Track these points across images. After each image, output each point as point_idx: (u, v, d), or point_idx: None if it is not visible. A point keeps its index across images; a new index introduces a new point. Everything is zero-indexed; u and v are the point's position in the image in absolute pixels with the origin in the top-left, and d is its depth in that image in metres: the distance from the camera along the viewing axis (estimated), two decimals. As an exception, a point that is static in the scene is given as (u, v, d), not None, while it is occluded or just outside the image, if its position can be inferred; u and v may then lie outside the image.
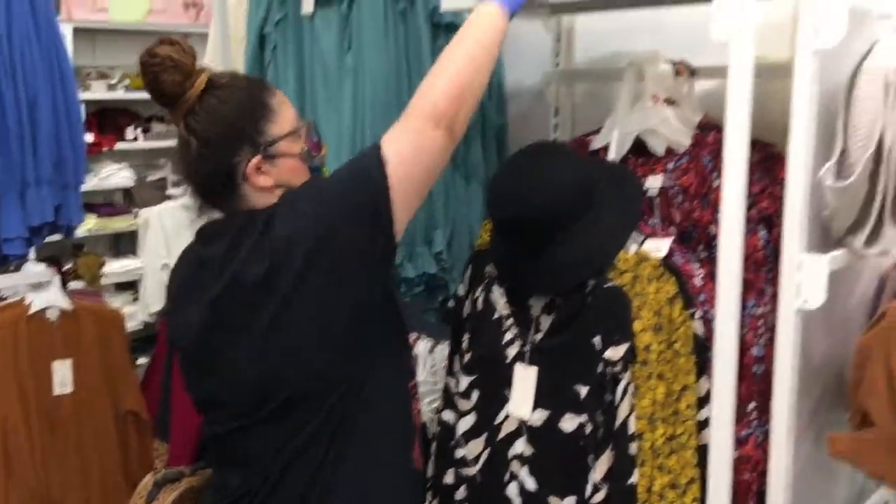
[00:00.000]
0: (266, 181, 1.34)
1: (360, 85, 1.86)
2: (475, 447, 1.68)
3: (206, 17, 4.92)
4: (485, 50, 1.39)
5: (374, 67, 1.84)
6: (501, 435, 1.63)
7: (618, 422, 1.45)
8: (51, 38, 2.43)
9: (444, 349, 1.98)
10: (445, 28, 1.99)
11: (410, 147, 1.31)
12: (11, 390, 2.36)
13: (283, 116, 1.36)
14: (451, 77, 1.36)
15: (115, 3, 4.60)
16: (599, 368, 1.48)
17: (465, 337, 1.72)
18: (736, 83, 1.34)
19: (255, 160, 1.33)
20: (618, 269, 1.51)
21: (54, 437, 2.46)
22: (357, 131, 1.88)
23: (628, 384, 1.45)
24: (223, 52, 2.18)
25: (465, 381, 1.70)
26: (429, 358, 1.99)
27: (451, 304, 1.92)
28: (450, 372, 1.76)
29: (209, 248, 1.37)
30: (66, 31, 4.04)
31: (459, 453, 1.70)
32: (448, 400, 1.76)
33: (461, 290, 1.77)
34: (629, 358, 1.44)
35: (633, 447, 1.45)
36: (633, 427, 1.45)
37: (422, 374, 1.99)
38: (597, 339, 1.49)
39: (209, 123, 1.33)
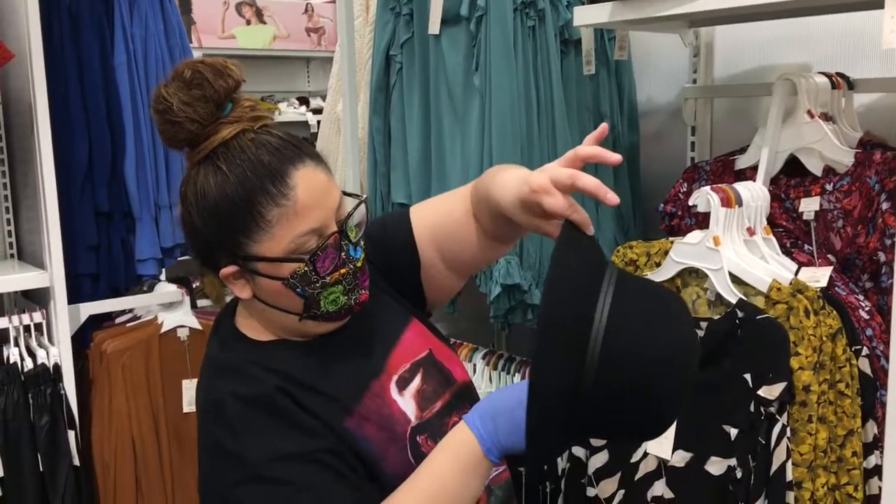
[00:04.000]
0: (243, 292, 1.06)
1: (488, 105, 1.80)
2: (608, 486, 1.58)
3: (328, 41, 5.03)
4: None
5: (503, 87, 1.78)
6: (638, 475, 1.53)
7: (773, 468, 1.32)
8: (184, 65, 2.50)
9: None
10: (575, 44, 1.92)
11: None
12: (144, 407, 2.41)
13: (278, 235, 1.00)
14: None
15: (241, 30, 4.76)
16: (752, 408, 1.35)
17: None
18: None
19: (229, 269, 1.04)
20: (770, 299, 1.38)
21: (182, 455, 2.51)
22: (484, 153, 1.82)
23: (785, 427, 1.32)
24: (349, 75, 2.17)
25: (598, 416, 1.61)
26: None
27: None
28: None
29: None
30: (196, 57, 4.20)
31: (591, 492, 1.61)
32: (579, 434, 1.67)
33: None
34: (786, 398, 1.31)
35: (790, 497, 1.31)
36: (790, 474, 1.31)
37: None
38: (748, 376, 1.36)
39: (195, 205, 1.03)
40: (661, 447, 1.49)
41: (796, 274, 1.45)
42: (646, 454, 1.51)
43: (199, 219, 1.02)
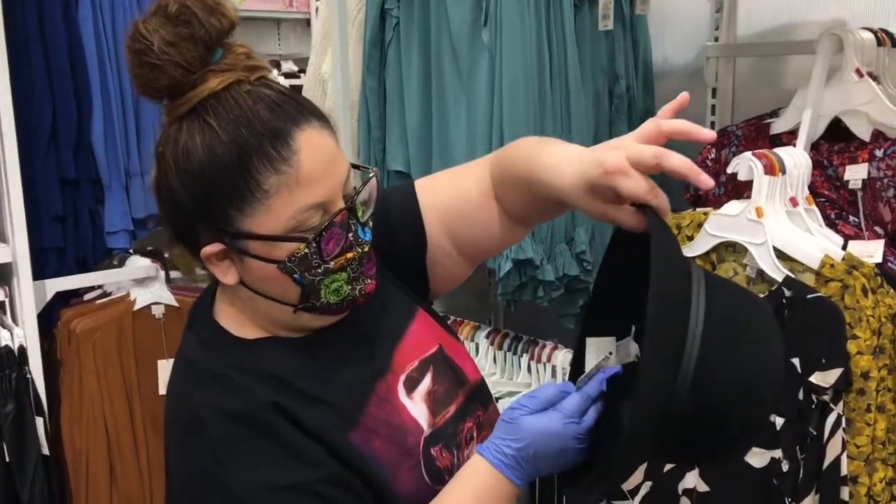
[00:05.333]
0: (227, 276, 0.88)
1: (498, 64, 1.65)
2: (633, 478, 1.46)
3: (300, 2, 4.80)
4: None
5: (514, 43, 1.63)
6: (668, 466, 1.41)
7: (826, 461, 1.21)
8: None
9: (586, 360, 1.76)
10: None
11: None
12: (117, 390, 2.26)
13: (275, 208, 0.83)
14: None
15: (211, -10, 4.52)
16: (801, 396, 1.24)
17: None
18: None
19: (213, 248, 0.87)
20: (822, 276, 1.26)
21: (159, 439, 2.34)
22: (494, 118, 1.67)
23: (840, 417, 1.20)
24: (339, 31, 1.99)
25: (621, 402, 1.49)
26: (569, 370, 1.77)
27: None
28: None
29: None
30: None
31: (613, 483, 1.50)
32: (598, 421, 1.55)
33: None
34: (842, 386, 1.20)
35: (844, 493, 1.21)
36: (845, 469, 1.21)
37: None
38: (796, 361, 1.25)
39: (174, 168, 0.85)
40: (695, 436, 1.37)
41: (844, 248, 1.33)
42: (676, 443, 1.40)
43: (179, 185, 0.85)
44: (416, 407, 0.95)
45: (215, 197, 0.84)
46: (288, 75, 4.85)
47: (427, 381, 0.97)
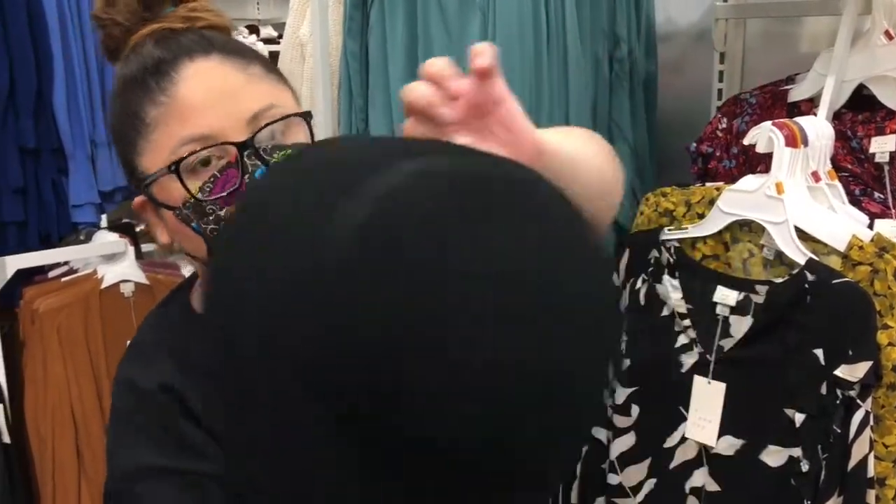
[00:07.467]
0: (161, 234, 0.82)
1: (491, 24, 1.52)
2: (635, 474, 1.36)
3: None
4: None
5: (509, 3, 1.49)
6: (675, 463, 1.31)
7: (852, 462, 1.10)
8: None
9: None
10: (589, -46, 1.63)
11: None
12: (84, 373, 2.14)
13: (157, 142, 0.75)
14: None
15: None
16: (823, 390, 1.13)
17: (622, 337, 1.39)
18: None
19: (138, 200, 0.82)
20: (849, 259, 1.15)
21: (130, 425, 2.25)
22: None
23: (868, 414, 1.10)
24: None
25: (622, 393, 1.38)
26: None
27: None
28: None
29: None
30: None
31: (613, 479, 1.39)
32: (598, 412, 1.44)
33: (615, 280, 1.44)
34: (871, 381, 1.09)
35: (870, 496, 1.11)
36: (872, 470, 1.10)
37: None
38: (819, 352, 1.14)
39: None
40: (704, 432, 1.27)
41: (870, 227, 1.22)
42: (684, 439, 1.30)
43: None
44: None
45: (119, 142, 0.81)
46: (267, 41, 4.67)
47: None
